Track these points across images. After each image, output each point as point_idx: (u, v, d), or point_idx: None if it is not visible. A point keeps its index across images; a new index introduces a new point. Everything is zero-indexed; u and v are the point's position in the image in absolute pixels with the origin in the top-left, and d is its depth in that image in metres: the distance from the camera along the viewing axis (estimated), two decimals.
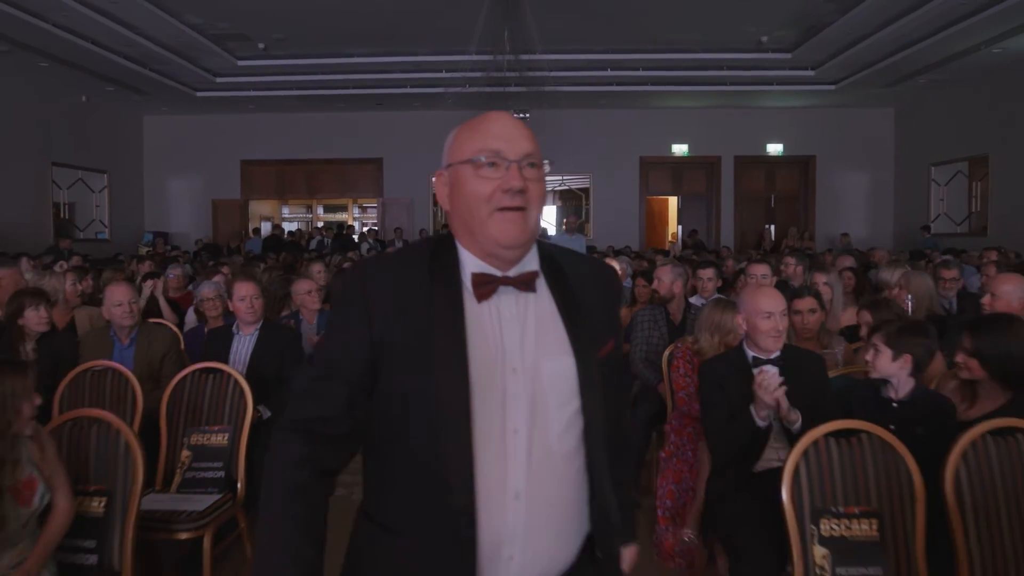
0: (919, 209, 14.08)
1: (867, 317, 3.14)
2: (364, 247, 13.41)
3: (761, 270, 4.17)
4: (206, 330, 4.23)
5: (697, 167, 15.49)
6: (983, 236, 12.01)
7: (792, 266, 5.28)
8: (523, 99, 12.17)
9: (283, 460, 1.26)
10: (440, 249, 1.33)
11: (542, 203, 1.31)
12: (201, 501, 2.77)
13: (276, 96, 13.71)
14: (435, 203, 16.26)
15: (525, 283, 1.30)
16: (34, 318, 3.42)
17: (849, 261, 6.10)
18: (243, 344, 3.58)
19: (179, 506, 2.70)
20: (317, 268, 5.69)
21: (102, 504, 2.16)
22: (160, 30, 10.28)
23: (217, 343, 3.60)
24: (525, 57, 10.65)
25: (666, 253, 10.75)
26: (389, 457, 1.28)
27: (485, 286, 1.28)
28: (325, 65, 12.30)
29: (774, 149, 15.27)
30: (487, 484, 1.21)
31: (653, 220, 16.60)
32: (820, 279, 4.16)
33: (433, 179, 1.37)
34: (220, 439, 2.97)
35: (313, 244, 14.15)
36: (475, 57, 10.61)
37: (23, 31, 9.50)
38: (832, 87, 13.12)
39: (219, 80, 12.87)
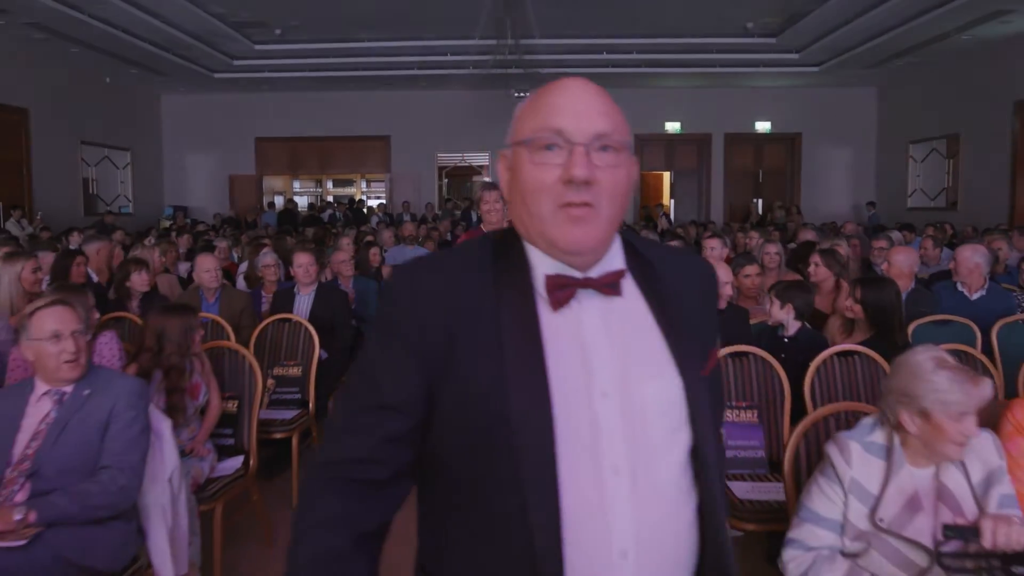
0: (899, 184, 14.94)
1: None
2: (374, 220, 14.28)
3: (713, 243, 5.05)
4: (263, 292, 5.15)
5: (689, 144, 16.32)
6: (954, 210, 12.88)
7: (756, 239, 6.18)
8: (524, 81, 12.96)
9: (311, 521, 1.04)
10: (504, 246, 1.10)
11: (623, 198, 1.05)
12: (286, 414, 3.71)
13: (289, 77, 14.50)
14: (440, 178, 17.14)
15: (610, 285, 1.06)
16: (138, 281, 4.32)
17: (810, 234, 6.98)
18: (304, 301, 4.50)
19: (271, 416, 3.64)
20: (347, 240, 6.59)
21: (235, 405, 3.09)
22: (186, 19, 11.06)
23: (282, 300, 4.53)
24: (525, 41, 11.45)
25: (655, 226, 11.63)
26: (451, 507, 1.05)
27: (561, 290, 1.04)
28: (337, 49, 13.08)
29: (762, 127, 16.08)
30: (583, 541, 0.97)
31: (649, 193, 17.46)
32: (771, 249, 5.06)
33: (500, 155, 1.14)
34: (295, 371, 3.90)
35: (325, 217, 15.02)
36: (479, 42, 11.41)
37: (62, 22, 10.30)
38: (816, 69, 13.91)
39: (236, 63, 13.66)
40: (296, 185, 18.27)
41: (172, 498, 2.30)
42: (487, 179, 17.17)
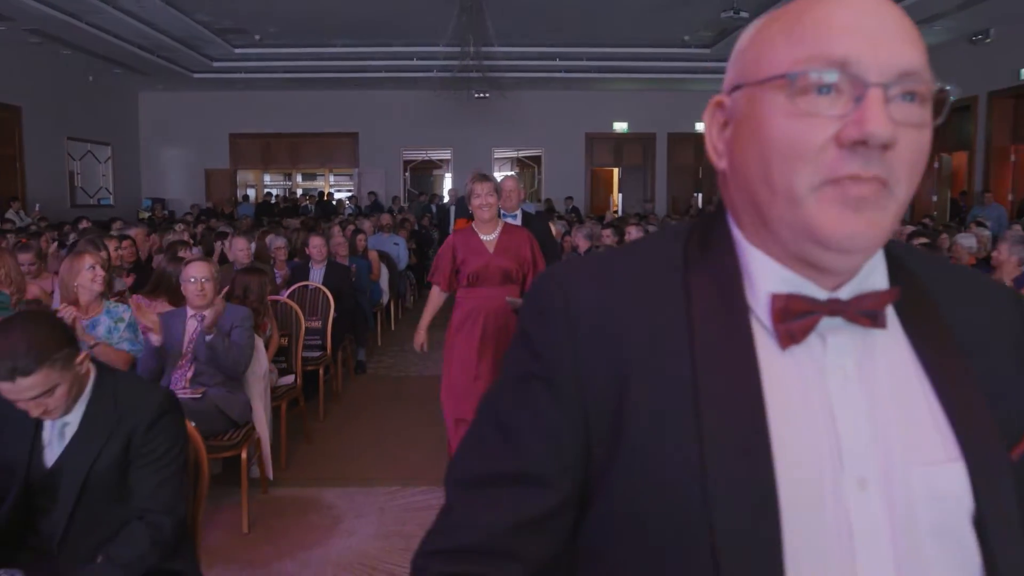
0: None
1: None
2: (348, 211, 15.44)
3: (606, 232, 6.33)
4: (275, 269, 6.33)
5: (635, 142, 17.75)
6: None
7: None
8: (484, 83, 14.19)
9: None
10: (705, 246, 0.73)
11: (916, 176, 0.65)
12: (313, 354, 4.96)
13: (264, 78, 15.51)
14: (405, 171, 18.28)
15: (870, 314, 0.67)
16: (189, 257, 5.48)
17: None
18: (317, 273, 5.72)
19: (304, 355, 4.87)
20: (337, 228, 7.78)
21: (286, 340, 4.33)
22: (175, 25, 12.03)
23: (299, 273, 5.74)
24: (486, 49, 12.68)
25: (601, 219, 12.98)
26: None
27: (797, 318, 0.66)
28: (311, 53, 14.15)
29: (702, 127, 17.44)
30: None
31: (599, 187, 18.87)
32: None
33: (706, 111, 0.76)
34: (316, 324, 5.13)
35: (300, 208, 16.09)
36: (444, 49, 12.61)
37: (60, 27, 11.20)
38: None
39: (215, 64, 14.63)
40: (266, 178, 19.23)
41: (265, 388, 3.54)
42: (447, 174, 18.40)
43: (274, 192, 18.92)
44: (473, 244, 3.68)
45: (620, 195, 18.14)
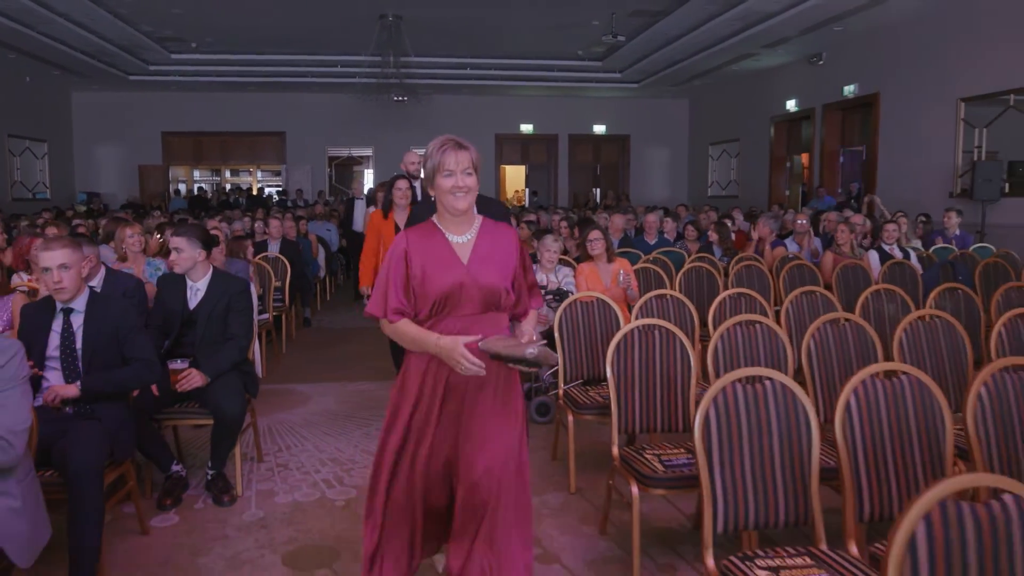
0: (702, 177, 18.92)
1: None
2: (271, 204, 16.85)
3: (530, 218, 8.21)
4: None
5: (540, 142, 19.73)
6: (736, 198, 16.86)
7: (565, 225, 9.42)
8: (402, 89, 15.84)
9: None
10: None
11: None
12: (277, 304, 6.63)
13: (197, 81, 16.72)
14: (330, 167, 19.74)
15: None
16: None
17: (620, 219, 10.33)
18: (275, 247, 7.35)
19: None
20: (288, 217, 9.36)
21: (261, 289, 6.00)
22: (117, 33, 13.21)
23: (260, 248, 7.35)
24: (404, 59, 14.35)
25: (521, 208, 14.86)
26: None
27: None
28: (243, 60, 15.51)
29: (599, 129, 19.71)
30: None
31: (506, 183, 20.80)
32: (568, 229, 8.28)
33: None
34: (277, 283, 6.77)
35: (231, 201, 17.38)
36: (366, 58, 14.22)
37: (9, 35, 12.27)
38: (636, 85, 17.58)
39: (151, 68, 15.79)
40: (196, 174, 20.32)
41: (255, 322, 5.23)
42: (368, 170, 19.93)
43: (204, 187, 20.08)
44: (437, 250, 2.31)
45: (527, 190, 20.09)
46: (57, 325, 3.03)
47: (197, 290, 3.65)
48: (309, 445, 4.43)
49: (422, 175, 2.72)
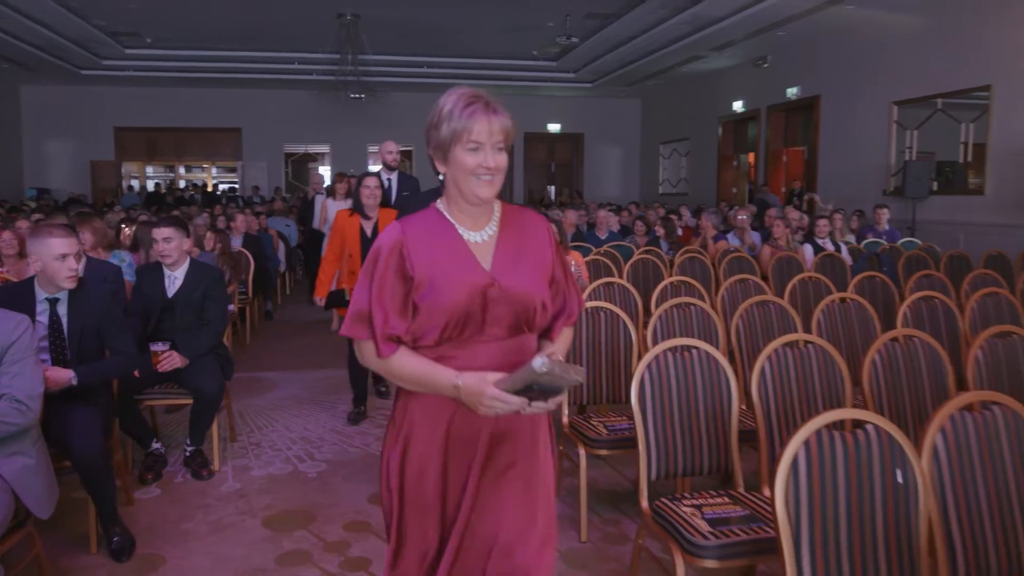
0: (653, 175, 19.44)
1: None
2: (224, 200, 16.86)
3: None
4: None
5: None
6: (686, 195, 17.41)
7: None
8: (359, 87, 16.00)
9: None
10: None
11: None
12: (242, 295, 6.82)
13: (151, 76, 16.62)
14: (287, 165, 19.78)
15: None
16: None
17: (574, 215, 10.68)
18: (238, 241, 7.52)
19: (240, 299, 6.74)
20: (248, 211, 9.50)
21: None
22: (70, 27, 13.13)
23: (225, 241, 7.52)
24: (362, 57, 14.53)
25: None
26: None
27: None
28: (199, 56, 15.50)
29: (553, 128, 20.11)
30: None
31: None
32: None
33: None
34: (242, 276, 6.97)
35: (187, 197, 17.33)
36: (325, 55, 14.36)
37: None
38: (590, 85, 18.01)
39: (104, 62, 15.67)
40: (149, 170, 20.17)
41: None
42: (325, 167, 20.01)
43: (159, 183, 19.95)
44: (446, 247, 1.68)
45: None
46: (43, 315, 3.16)
47: (175, 279, 3.87)
48: (279, 426, 4.67)
49: (421, 162, 2.60)
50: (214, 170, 20.54)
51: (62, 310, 3.16)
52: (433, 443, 1.66)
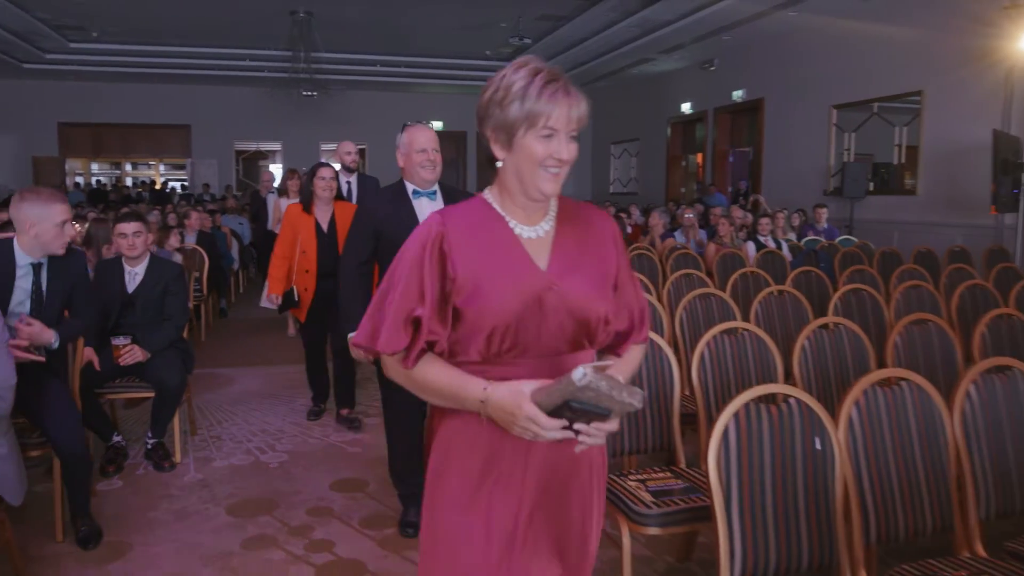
0: (604, 175, 19.77)
1: None
2: (176, 199, 16.63)
3: None
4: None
5: (449, 139, 20.13)
6: (636, 195, 17.76)
7: None
8: (311, 84, 15.95)
9: None
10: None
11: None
12: (197, 293, 6.84)
13: (97, 71, 16.30)
14: (238, 163, 19.59)
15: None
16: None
17: None
18: (192, 238, 7.52)
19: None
20: (200, 209, 9.45)
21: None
22: (11, 19, 12.81)
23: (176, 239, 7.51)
24: (315, 55, 14.50)
25: None
26: None
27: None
28: (146, 51, 15.26)
29: None
30: None
31: None
32: None
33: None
34: (196, 274, 6.97)
35: (134, 195, 17.04)
36: (277, 52, 14.29)
37: None
38: None
39: (48, 56, 15.31)
40: (94, 167, 19.75)
41: None
42: (276, 165, 19.86)
43: (104, 180, 19.56)
44: (495, 244, 1.44)
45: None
46: (25, 279, 3.13)
47: (135, 274, 3.93)
48: (239, 419, 4.74)
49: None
50: (162, 167, 20.21)
51: (44, 275, 3.17)
52: (492, 472, 1.40)
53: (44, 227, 3.02)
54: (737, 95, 13.65)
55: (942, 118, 9.17)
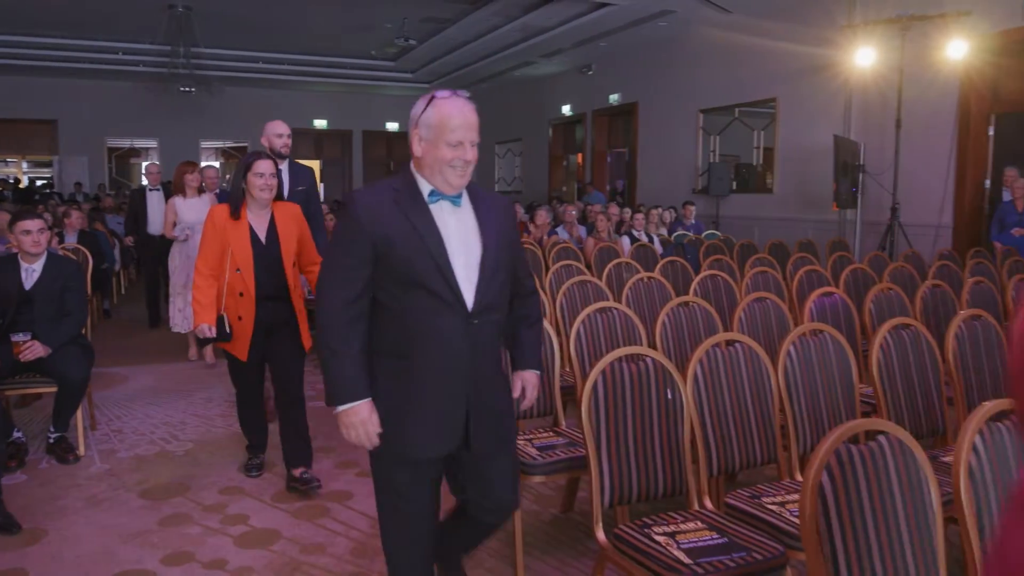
0: (489, 173, 20.24)
1: None
2: (37, 196, 15.83)
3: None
4: None
5: (335, 138, 20.09)
6: (520, 192, 18.33)
7: None
8: (190, 80, 15.55)
9: None
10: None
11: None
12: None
13: None
14: (110, 160, 18.77)
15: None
16: None
17: None
18: (73, 238, 7.35)
19: None
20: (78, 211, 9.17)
21: None
22: None
23: (60, 239, 7.32)
24: (195, 49, 14.18)
25: None
26: None
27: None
28: (9, 41, 14.44)
29: (392, 126, 20.42)
30: None
31: None
32: None
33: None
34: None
35: None
36: (154, 46, 13.89)
37: None
38: (428, 85, 18.48)
39: None
40: None
41: None
42: (153, 162, 19.19)
43: None
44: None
45: (322, 184, 20.35)
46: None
47: (33, 271, 3.98)
48: (139, 413, 4.83)
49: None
50: (25, 164, 19.09)
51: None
52: None
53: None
54: (613, 98, 14.41)
55: (793, 123, 10.14)
